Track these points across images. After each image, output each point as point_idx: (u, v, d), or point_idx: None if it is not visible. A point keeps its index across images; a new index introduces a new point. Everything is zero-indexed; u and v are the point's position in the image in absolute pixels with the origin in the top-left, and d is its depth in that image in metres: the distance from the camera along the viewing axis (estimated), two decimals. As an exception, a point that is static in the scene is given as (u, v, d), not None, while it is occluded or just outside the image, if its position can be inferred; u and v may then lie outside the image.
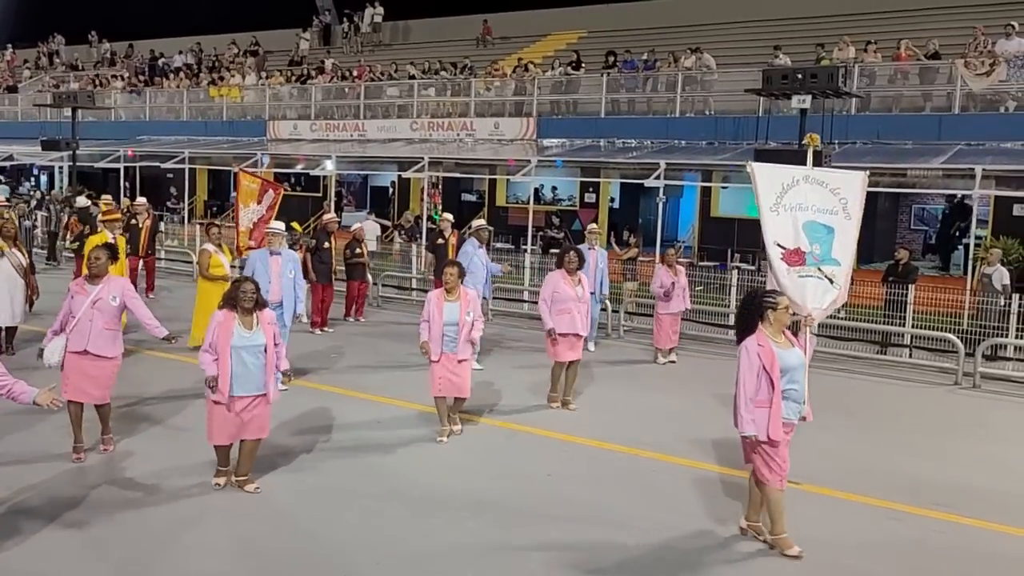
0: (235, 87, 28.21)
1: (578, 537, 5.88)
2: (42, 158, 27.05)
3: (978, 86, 16.47)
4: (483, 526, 5.99)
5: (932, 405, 10.01)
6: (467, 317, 7.68)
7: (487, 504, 6.37)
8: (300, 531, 5.80)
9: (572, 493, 6.68)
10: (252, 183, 13.05)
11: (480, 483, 6.85)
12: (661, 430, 8.42)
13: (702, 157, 18.55)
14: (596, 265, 11.72)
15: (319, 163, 23.60)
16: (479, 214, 24.71)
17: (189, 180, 24.99)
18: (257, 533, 5.76)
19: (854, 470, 7.42)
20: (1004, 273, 12.92)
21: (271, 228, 10.05)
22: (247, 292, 6.27)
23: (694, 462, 7.51)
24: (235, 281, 6.44)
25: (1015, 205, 16.89)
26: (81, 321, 6.80)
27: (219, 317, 6.29)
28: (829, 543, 5.88)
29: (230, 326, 6.22)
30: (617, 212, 23.45)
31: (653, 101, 21.15)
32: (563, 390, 9.08)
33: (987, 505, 6.68)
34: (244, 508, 6.13)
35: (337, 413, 8.57)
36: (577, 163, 21.05)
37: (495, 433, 8.22)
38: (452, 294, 7.72)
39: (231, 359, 6.17)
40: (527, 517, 6.18)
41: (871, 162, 16.56)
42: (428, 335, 7.67)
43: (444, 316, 7.62)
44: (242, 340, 6.21)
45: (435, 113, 23.63)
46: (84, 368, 6.80)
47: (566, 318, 8.78)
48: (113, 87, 31.41)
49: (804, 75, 13.10)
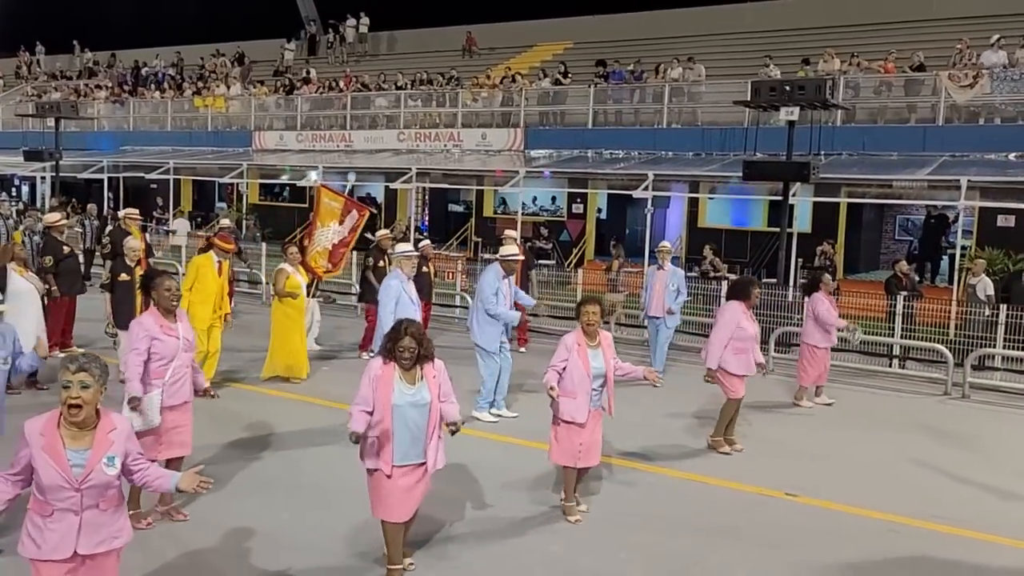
0: (220, 97, 28.08)
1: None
2: (24, 169, 26.78)
3: (962, 98, 16.65)
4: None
5: (924, 415, 10.03)
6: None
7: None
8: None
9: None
10: (334, 201, 11.57)
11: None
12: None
13: (689, 168, 18.63)
14: (667, 285, 10.91)
15: (304, 174, 23.53)
16: (465, 226, 24.74)
17: (174, 191, 24.83)
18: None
19: (852, 481, 7.41)
20: (988, 283, 13.03)
21: (404, 251, 8.97)
22: (406, 349, 4.97)
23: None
24: (391, 331, 5.11)
25: (999, 216, 17.05)
26: (178, 369, 5.76)
27: (375, 369, 5.07)
28: (826, 554, 5.87)
29: (390, 379, 5.01)
30: (605, 223, 23.48)
31: (640, 112, 21.23)
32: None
33: (987, 517, 6.68)
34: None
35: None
36: (565, 174, 21.09)
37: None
38: (594, 338, 6.26)
39: (392, 420, 4.98)
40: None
41: (856, 173, 16.75)
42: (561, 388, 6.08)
43: (591, 367, 6.10)
44: (403, 397, 4.99)
45: (422, 124, 23.61)
46: (177, 420, 5.85)
47: (743, 358, 7.94)
48: (96, 97, 31.18)
49: (792, 87, 13.20)
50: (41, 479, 3.60)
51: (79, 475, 3.61)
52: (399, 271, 8.75)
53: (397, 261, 8.94)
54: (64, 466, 3.59)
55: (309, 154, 24.24)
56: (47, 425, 3.64)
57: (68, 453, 3.59)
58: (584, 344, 6.11)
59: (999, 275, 14.19)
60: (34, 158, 22.38)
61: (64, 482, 3.59)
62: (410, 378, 5.00)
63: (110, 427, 3.72)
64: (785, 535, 6.24)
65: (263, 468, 7.10)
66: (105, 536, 3.74)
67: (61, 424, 3.63)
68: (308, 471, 7.12)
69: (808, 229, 18.77)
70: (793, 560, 5.80)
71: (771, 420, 9.37)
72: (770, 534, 6.24)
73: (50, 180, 23.74)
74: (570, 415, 6.07)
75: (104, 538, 3.73)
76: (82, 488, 3.62)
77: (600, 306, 6.19)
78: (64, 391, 3.60)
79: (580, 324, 6.20)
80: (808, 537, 6.21)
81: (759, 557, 5.83)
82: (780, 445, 8.49)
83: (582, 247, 22.21)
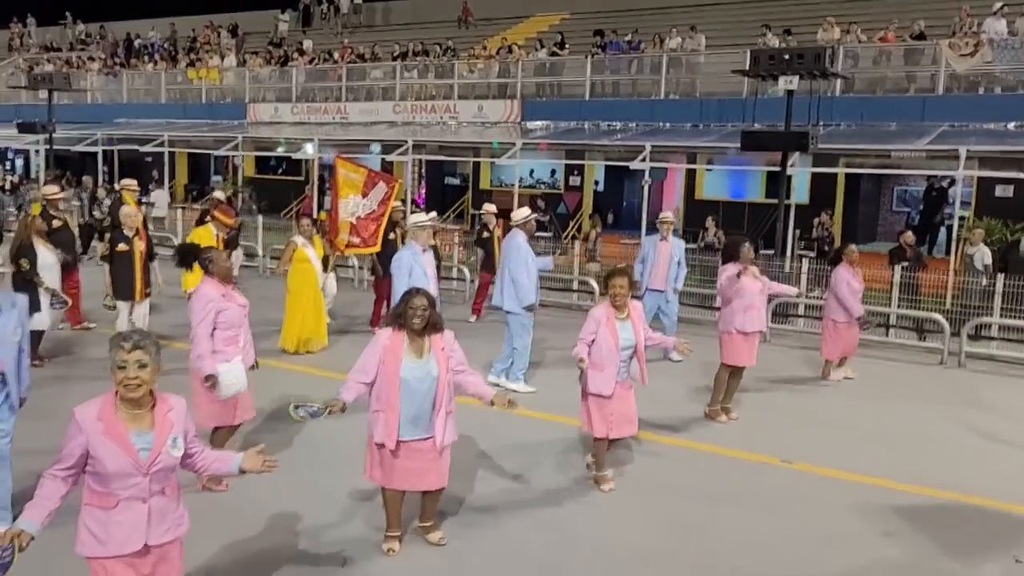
0: (214, 69, 27.83)
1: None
2: (17, 141, 26.59)
3: (962, 67, 16.52)
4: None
5: (922, 383, 10.06)
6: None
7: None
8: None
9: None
10: (354, 172, 11.01)
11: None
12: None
13: (687, 139, 18.53)
14: (672, 257, 10.81)
15: (300, 146, 23.39)
16: (462, 199, 24.65)
17: (169, 164, 24.68)
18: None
19: (853, 449, 7.45)
20: (986, 253, 13.03)
21: (419, 222, 8.81)
22: (417, 308, 4.89)
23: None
24: (406, 294, 5.03)
25: (997, 186, 17.02)
26: (246, 334, 5.91)
27: (384, 339, 4.98)
28: (827, 522, 5.91)
29: (398, 351, 4.93)
30: (602, 195, 23.40)
31: (638, 83, 21.08)
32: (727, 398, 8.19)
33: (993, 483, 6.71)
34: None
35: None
36: (562, 146, 20.98)
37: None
38: (623, 310, 6.24)
39: (400, 393, 4.89)
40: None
41: (855, 144, 16.67)
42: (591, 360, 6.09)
43: (619, 338, 6.10)
44: (410, 371, 4.90)
45: (418, 96, 23.43)
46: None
47: (752, 314, 7.97)
48: (89, 69, 30.89)
49: (791, 56, 13.09)
50: (106, 468, 3.32)
51: (146, 459, 3.37)
52: (413, 243, 8.66)
53: (411, 232, 8.81)
54: (131, 451, 3.34)
55: (304, 126, 24.08)
56: (103, 410, 3.36)
57: (132, 437, 3.34)
58: (613, 317, 6.10)
59: (997, 245, 14.19)
60: (28, 131, 22.21)
61: (132, 468, 3.34)
62: (418, 350, 4.91)
63: (167, 407, 3.48)
64: (784, 503, 6.28)
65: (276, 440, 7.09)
66: (171, 524, 3.52)
67: (118, 407, 3.38)
68: (318, 441, 7.11)
69: (806, 201, 18.74)
70: (793, 527, 5.84)
71: (778, 391, 9.40)
72: (769, 502, 6.28)
73: (44, 153, 23.56)
74: (596, 388, 6.09)
75: (170, 526, 3.51)
76: (150, 472, 3.38)
77: (629, 278, 6.14)
78: (119, 372, 3.31)
79: (608, 297, 6.19)
80: (810, 505, 6.26)
81: (753, 521, 5.88)
82: (776, 413, 8.52)
83: (579, 219, 22.16)
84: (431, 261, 8.73)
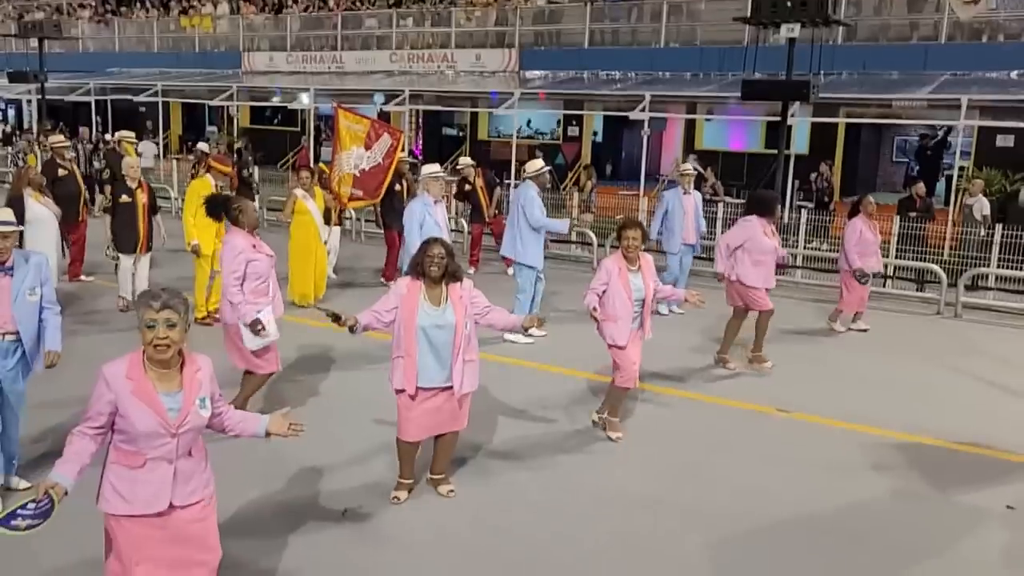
0: (207, 16, 27.38)
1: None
2: (8, 91, 26.26)
3: (966, 15, 16.29)
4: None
5: (919, 334, 10.14)
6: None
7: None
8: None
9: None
10: (356, 124, 10.69)
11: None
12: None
13: (687, 89, 18.35)
14: (697, 209, 10.65)
15: (295, 96, 23.13)
16: (460, 150, 24.47)
17: (163, 114, 24.42)
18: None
19: (850, 398, 7.54)
20: (985, 204, 13.02)
21: (432, 172, 8.79)
22: (435, 256, 4.95)
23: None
24: (424, 243, 5.09)
25: (999, 136, 16.92)
26: (273, 286, 6.03)
27: (402, 288, 5.05)
28: (824, 468, 6.01)
29: (416, 299, 5.00)
30: (600, 146, 23.25)
31: (638, 32, 20.79)
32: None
33: (989, 431, 6.80)
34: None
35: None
36: (560, 96, 20.76)
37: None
38: (634, 262, 6.24)
39: (417, 341, 4.95)
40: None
41: (856, 93, 16.53)
42: (603, 311, 6.13)
43: (632, 290, 6.15)
44: (427, 318, 4.95)
45: (415, 44, 23.11)
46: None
47: (762, 271, 8.06)
48: (80, 17, 30.38)
49: (794, 2, 12.88)
50: (135, 426, 3.30)
51: (175, 419, 3.34)
52: (425, 194, 8.65)
53: (424, 183, 8.81)
54: (161, 410, 3.32)
55: (300, 76, 23.79)
56: (132, 368, 3.32)
57: (161, 397, 3.33)
58: (625, 268, 6.13)
59: (997, 195, 14.18)
60: (19, 80, 21.91)
61: (161, 428, 3.32)
62: (435, 299, 4.97)
63: (196, 367, 3.45)
64: (783, 450, 6.38)
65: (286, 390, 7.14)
66: (195, 485, 3.49)
67: (147, 367, 3.34)
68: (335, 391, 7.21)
69: (806, 151, 18.64)
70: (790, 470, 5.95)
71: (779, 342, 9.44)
72: (767, 449, 6.38)
73: (36, 103, 23.29)
74: (612, 338, 6.17)
75: (195, 487, 3.48)
76: (179, 433, 3.36)
77: (642, 230, 6.16)
78: (149, 331, 3.26)
79: (620, 248, 6.22)
80: (807, 452, 6.35)
81: (752, 467, 5.98)
82: (777, 364, 8.60)
83: (577, 171, 22.04)
84: (443, 212, 8.78)
